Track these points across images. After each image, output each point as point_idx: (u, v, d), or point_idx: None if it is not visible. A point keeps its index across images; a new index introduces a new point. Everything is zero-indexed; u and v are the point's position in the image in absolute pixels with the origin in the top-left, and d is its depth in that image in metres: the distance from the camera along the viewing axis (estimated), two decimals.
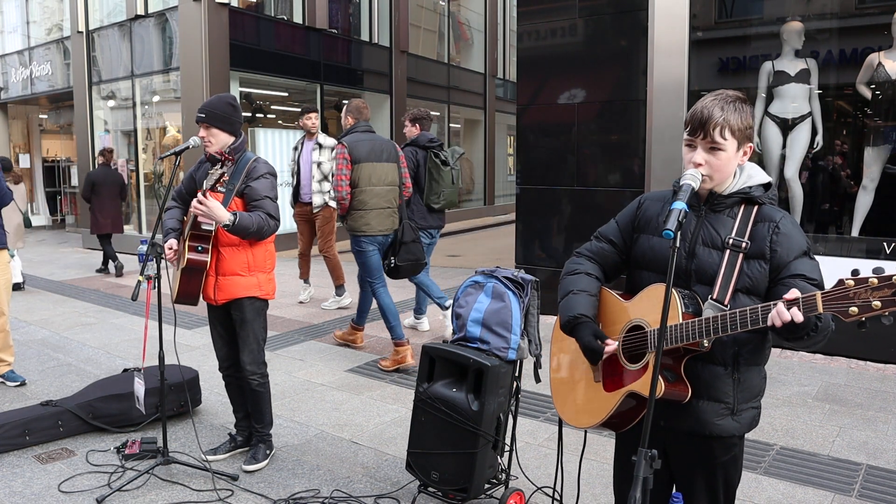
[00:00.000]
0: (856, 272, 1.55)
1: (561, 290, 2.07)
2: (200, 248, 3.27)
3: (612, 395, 1.93)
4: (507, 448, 3.06)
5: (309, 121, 6.98)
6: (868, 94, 5.40)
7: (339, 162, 4.96)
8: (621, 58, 6.10)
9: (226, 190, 3.26)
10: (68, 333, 6.28)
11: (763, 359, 1.92)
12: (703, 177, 1.82)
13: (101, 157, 9.85)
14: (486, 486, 2.96)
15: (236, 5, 11.62)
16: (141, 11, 11.94)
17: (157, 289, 3.36)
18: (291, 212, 7.28)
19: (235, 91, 11.59)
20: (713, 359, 1.85)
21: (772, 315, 1.61)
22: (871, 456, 3.55)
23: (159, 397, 3.59)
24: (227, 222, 3.14)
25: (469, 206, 18.98)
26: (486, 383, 2.81)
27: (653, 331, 1.84)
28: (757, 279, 1.81)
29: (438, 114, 17.73)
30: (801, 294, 1.59)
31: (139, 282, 3.18)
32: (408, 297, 7.22)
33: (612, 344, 1.91)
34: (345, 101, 5.56)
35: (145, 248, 5.39)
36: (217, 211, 3.11)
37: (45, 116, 18.04)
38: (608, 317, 2.01)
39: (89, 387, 4.17)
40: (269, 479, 3.40)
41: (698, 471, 1.96)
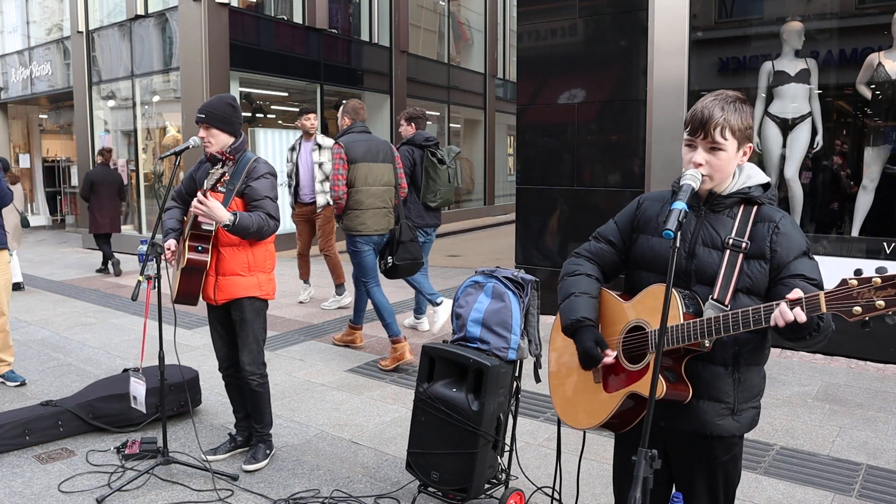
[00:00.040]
0: (858, 272, 1.54)
1: (562, 291, 2.06)
2: (200, 248, 3.27)
3: (612, 395, 1.93)
4: (507, 448, 3.06)
5: (308, 121, 6.98)
6: (868, 94, 5.40)
7: (335, 162, 5.03)
8: (621, 58, 6.10)
9: (226, 190, 3.26)
10: (68, 333, 6.28)
11: (763, 358, 1.92)
12: (703, 177, 1.82)
13: (100, 156, 9.85)
14: (486, 486, 2.96)
15: (236, 5, 11.62)
16: (141, 11, 11.94)
17: (156, 289, 3.36)
18: (290, 212, 7.26)
19: (235, 91, 11.59)
20: (714, 359, 1.85)
21: (774, 315, 1.60)
22: (871, 456, 3.56)
23: (159, 397, 3.59)
24: (228, 222, 3.14)
25: (469, 206, 18.98)
26: (486, 383, 2.81)
27: (653, 331, 1.84)
28: (757, 279, 1.81)
29: (438, 114, 17.73)
30: (804, 294, 1.59)
31: (139, 282, 3.18)
32: (407, 298, 7.21)
33: (610, 355, 1.91)
34: (344, 102, 5.58)
35: (145, 248, 5.39)
36: (217, 211, 3.11)
37: (45, 116, 18.04)
38: (608, 317, 2.01)
39: (89, 387, 4.17)
40: (269, 479, 3.40)
41: (698, 471, 1.96)
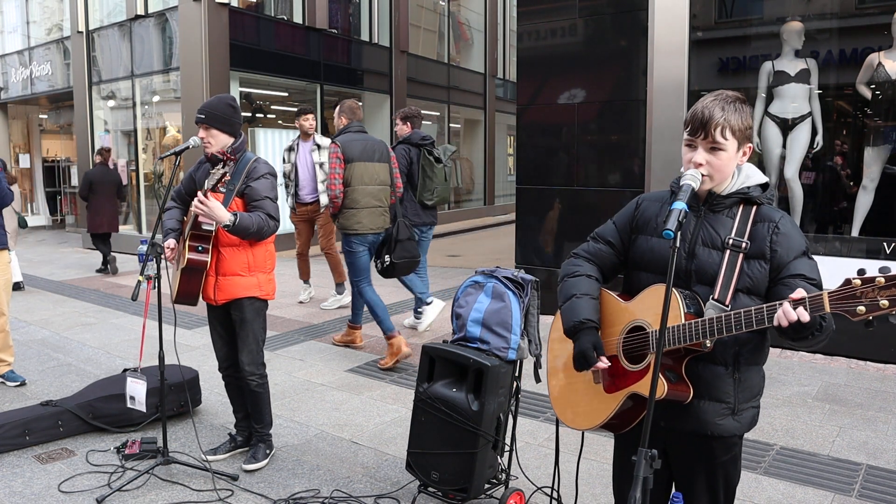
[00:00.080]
0: (862, 271, 1.52)
1: (563, 293, 2.06)
2: (201, 248, 3.27)
3: (612, 396, 1.93)
4: (507, 448, 3.06)
5: (306, 122, 6.98)
6: (868, 94, 5.40)
7: (331, 161, 5.07)
8: (621, 58, 6.10)
9: (226, 190, 3.26)
10: (68, 333, 6.28)
11: (763, 358, 1.93)
12: (703, 177, 1.82)
13: (99, 156, 9.86)
14: (486, 486, 2.96)
15: (236, 5, 11.61)
16: (141, 11, 11.94)
17: (156, 289, 3.36)
18: (290, 213, 7.21)
19: (235, 91, 11.59)
20: (714, 359, 1.85)
21: (778, 315, 1.60)
22: (871, 456, 3.55)
23: (159, 397, 3.60)
24: (228, 223, 3.14)
25: (469, 206, 18.97)
26: (486, 383, 2.81)
27: (654, 331, 1.84)
28: (757, 279, 1.82)
29: (438, 114, 17.72)
30: (807, 294, 1.59)
31: (139, 282, 3.18)
32: (407, 297, 7.21)
33: (604, 362, 1.92)
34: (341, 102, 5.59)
35: (145, 248, 5.39)
36: (218, 211, 3.11)
37: (45, 116, 18.04)
38: (607, 318, 2.00)
39: (89, 387, 4.17)
40: (269, 479, 3.40)
41: (699, 470, 1.96)
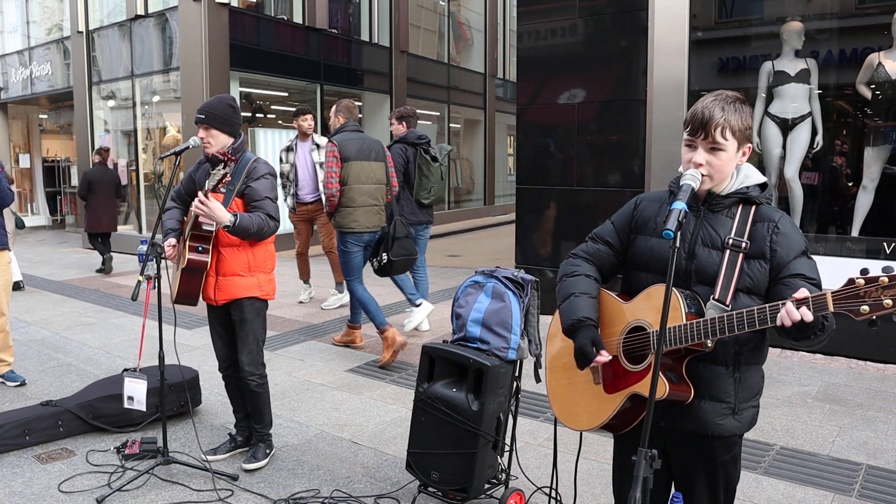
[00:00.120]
0: (865, 271, 1.52)
1: (561, 292, 2.05)
2: (201, 249, 3.28)
3: (613, 396, 1.93)
4: (507, 448, 3.06)
5: (305, 122, 6.99)
6: (868, 94, 5.40)
7: (328, 160, 5.10)
8: (621, 58, 6.10)
9: (226, 190, 3.26)
10: (68, 333, 6.28)
11: (763, 357, 1.93)
12: (703, 177, 1.82)
13: (98, 156, 9.87)
14: (486, 486, 2.96)
15: (236, 5, 11.61)
16: (141, 11, 11.94)
17: (156, 289, 3.36)
18: (290, 213, 7.19)
19: (235, 91, 11.58)
20: (714, 359, 1.85)
21: (781, 315, 1.60)
22: (871, 456, 3.55)
23: (159, 397, 3.60)
24: (228, 223, 3.14)
25: (469, 206, 18.97)
26: (486, 383, 2.81)
27: (655, 332, 1.84)
28: (757, 279, 1.82)
29: (438, 114, 17.72)
30: (811, 293, 1.58)
31: (139, 282, 3.18)
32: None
33: (604, 356, 1.91)
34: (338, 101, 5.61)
35: (145, 248, 5.38)
36: (218, 212, 3.12)
37: (45, 116, 18.04)
38: (607, 318, 2.00)
39: (89, 387, 4.17)
40: (269, 479, 3.40)
41: (699, 470, 1.96)
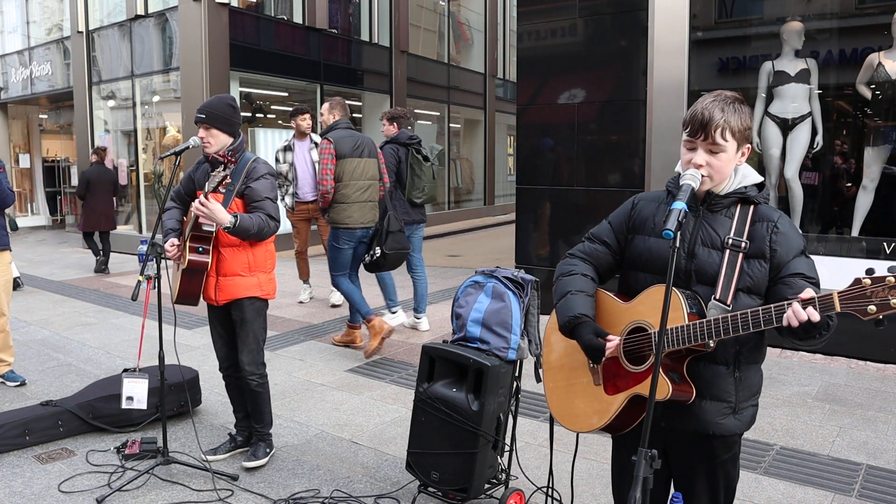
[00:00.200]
0: (870, 271, 1.52)
1: (557, 291, 2.05)
2: (201, 250, 3.28)
3: (614, 397, 1.93)
4: (507, 448, 3.06)
5: (304, 122, 7.00)
6: (868, 94, 5.40)
7: (324, 157, 5.16)
8: (621, 58, 6.10)
9: (226, 191, 3.26)
10: (68, 333, 6.28)
11: (762, 357, 1.93)
12: (703, 178, 1.82)
13: (95, 155, 9.89)
14: (486, 486, 2.96)
15: (236, 5, 11.61)
16: (141, 11, 11.94)
17: (156, 289, 3.36)
18: (288, 212, 7.17)
19: (235, 91, 11.58)
20: (715, 358, 1.85)
21: (787, 315, 1.59)
22: (871, 456, 3.56)
23: (159, 397, 3.60)
24: (228, 225, 3.14)
25: (469, 206, 18.97)
26: (486, 383, 2.81)
27: (656, 332, 1.83)
28: (758, 278, 1.82)
29: (438, 114, 17.72)
30: (817, 293, 1.58)
31: (139, 282, 3.18)
32: (406, 298, 7.21)
33: (613, 339, 1.89)
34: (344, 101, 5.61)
35: (145, 248, 5.39)
36: (218, 213, 3.11)
37: (45, 116, 18.04)
38: (607, 318, 1.99)
39: (89, 387, 4.17)
40: (269, 479, 3.40)
41: (699, 470, 1.96)
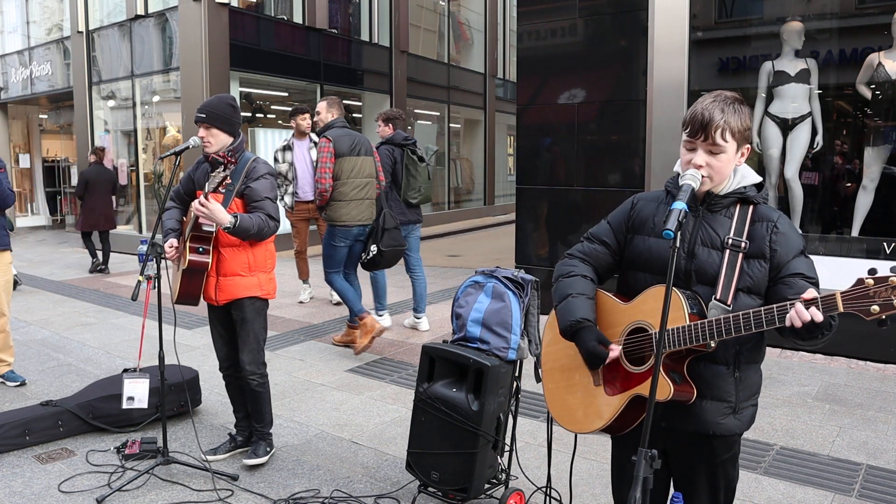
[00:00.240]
0: (873, 271, 1.52)
1: (557, 293, 2.04)
2: (201, 250, 3.28)
3: (615, 398, 1.93)
4: (507, 448, 3.06)
5: (304, 121, 7.01)
6: (868, 94, 5.40)
7: (322, 156, 5.19)
8: (621, 58, 6.10)
9: (226, 191, 3.26)
10: (68, 333, 6.28)
11: (761, 356, 1.93)
12: (703, 178, 1.82)
13: (94, 155, 9.90)
14: (486, 486, 2.96)
15: (236, 5, 11.61)
16: (141, 11, 11.94)
17: (156, 289, 3.36)
18: (288, 212, 7.17)
19: (235, 91, 11.58)
20: (715, 358, 1.85)
21: (790, 315, 1.59)
22: (871, 456, 3.56)
23: (159, 397, 3.60)
24: (228, 225, 3.14)
25: (469, 206, 18.97)
26: (486, 383, 2.81)
27: (656, 333, 1.83)
28: (758, 278, 1.82)
29: (438, 114, 17.72)
30: (819, 294, 1.58)
31: (139, 282, 3.18)
32: (406, 298, 7.21)
33: (615, 349, 1.90)
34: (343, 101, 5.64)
35: (145, 248, 5.39)
36: (219, 214, 3.12)
37: (45, 116, 18.04)
38: (607, 319, 1.99)
39: (89, 387, 4.17)
40: (269, 479, 3.40)
41: (700, 470, 1.96)
